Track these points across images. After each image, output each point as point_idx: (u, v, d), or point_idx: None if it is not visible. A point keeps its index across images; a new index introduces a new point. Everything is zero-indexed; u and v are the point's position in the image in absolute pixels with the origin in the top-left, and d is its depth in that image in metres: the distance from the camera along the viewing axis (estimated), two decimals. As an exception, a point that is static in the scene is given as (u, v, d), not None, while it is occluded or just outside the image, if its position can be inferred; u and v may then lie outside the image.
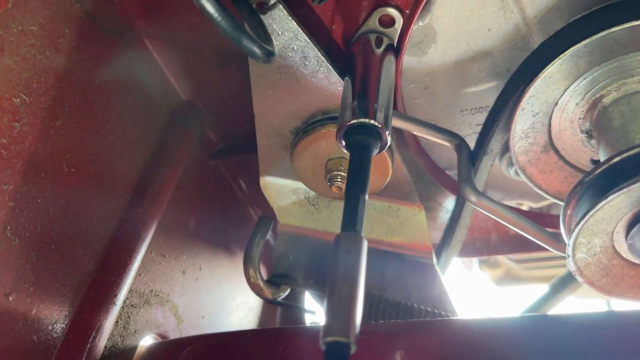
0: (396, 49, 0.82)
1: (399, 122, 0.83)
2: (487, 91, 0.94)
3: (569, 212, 0.66)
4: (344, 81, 0.82)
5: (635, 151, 0.59)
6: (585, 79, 0.74)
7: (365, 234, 0.58)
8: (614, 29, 0.68)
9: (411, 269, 1.10)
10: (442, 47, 0.88)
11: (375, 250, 1.10)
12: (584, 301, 1.66)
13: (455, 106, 0.99)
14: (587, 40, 0.69)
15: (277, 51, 0.79)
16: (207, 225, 1.32)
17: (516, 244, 1.35)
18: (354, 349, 0.46)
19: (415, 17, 0.78)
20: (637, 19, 0.67)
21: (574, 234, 0.62)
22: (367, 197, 0.60)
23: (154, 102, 1.10)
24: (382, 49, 0.78)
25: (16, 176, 0.76)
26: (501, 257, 1.68)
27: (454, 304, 1.06)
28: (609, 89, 0.74)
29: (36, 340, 0.81)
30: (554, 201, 0.89)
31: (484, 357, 0.70)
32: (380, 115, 0.68)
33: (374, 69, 0.75)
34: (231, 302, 1.40)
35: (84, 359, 0.86)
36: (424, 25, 0.85)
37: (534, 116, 0.78)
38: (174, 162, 1.11)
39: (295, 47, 0.80)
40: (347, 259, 0.52)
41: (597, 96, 0.75)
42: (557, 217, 1.03)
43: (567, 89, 0.75)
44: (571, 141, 0.81)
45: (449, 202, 1.22)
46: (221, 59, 1.08)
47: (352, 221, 0.56)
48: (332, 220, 1.13)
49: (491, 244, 1.37)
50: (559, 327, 0.72)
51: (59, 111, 0.84)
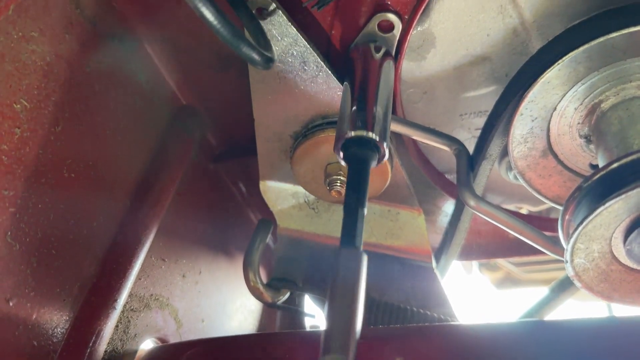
0: (395, 54, 0.82)
1: (398, 127, 0.84)
2: (486, 96, 0.95)
3: (567, 218, 0.67)
4: (343, 86, 0.82)
5: (633, 157, 0.59)
6: (583, 84, 0.74)
7: (364, 237, 0.58)
8: (612, 35, 0.68)
9: (410, 273, 1.10)
10: (441, 52, 0.88)
11: (374, 253, 1.11)
12: (584, 304, 1.66)
13: (454, 110, 0.99)
14: (586, 45, 0.70)
15: (276, 57, 0.80)
16: (207, 229, 1.32)
17: (516, 247, 1.35)
18: None
19: (414, 23, 0.78)
20: (635, 24, 0.67)
21: (572, 240, 0.63)
22: (365, 210, 0.59)
23: (154, 106, 1.10)
24: (380, 55, 0.78)
25: (17, 182, 0.77)
26: (501, 260, 1.69)
27: (454, 307, 1.06)
28: (607, 94, 0.74)
29: (36, 345, 0.81)
30: (553, 206, 0.89)
31: (483, 362, 0.70)
32: (378, 127, 0.68)
33: (372, 77, 0.75)
34: (231, 305, 1.40)
35: (84, 363, 0.86)
36: (423, 30, 0.85)
37: (533, 121, 0.79)
38: (174, 166, 1.11)
39: (294, 53, 0.80)
40: (347, 276, 0.51)
41: (596, 101, 0.75)
42: (556, 220, 1.03)
43: (566, 94, 0.75)
44: (570, 146, 0.81)
45: (449, 206, 1.23)
46: (221, 64, 1.08)
47: (351, 237, 0.56)
48: (331, 223, 1.13)
49: (491, 247, 1.37)
50: (560, 332, 0.72)
51: (60, 117, 0.84)
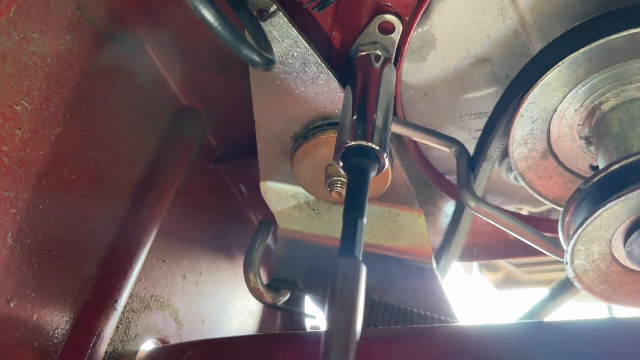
0: (395, 56, 0.82)
1: (398, 128, 0.84)
2: (486, 97, 0.95)
3: (567, 219, 0.67)
4: (344, 89, 0.82)
5: (633, 159, 0.59)
6: (584, 85, 0.74)
7: (365, 238, 0.58)
8: (612, 37, 0.68)
9: (411, 274, 1.10)
10: (442, 53, 0.88)
11: (375, 254, 1.11)
12: (584, 305, 1.66)
13: (454, 112, 0.99)
14: (586, 47, 0.70)
15: (277, 58, 0.80)
16: (207, 229, 1.32)
17: (516, 248, 1.36)
18: None
19: (414, 24, 0.78)
20: (635, 26, 0.67)
21: (572, 241, 0.63)
22: (365, 220, 0.59)
23: (155, 107, 1.11)
24: (380, 63, 0.78)
25: (17, 183, 0.77)
26: (501, 261, 1.69)
27: (454, 308, 1.07)
28: (607, 95, 0.74)
29: (37, 346, 0.81)
30: (553, 207, 0.89)
31: (483, 364, 0.70)
32: (377, 137, 0.68)
33: (372, 86, 0.75)
34: (231, 306, 1.40)
35: (84, 364, 0.86)
36: (424, 31, 0.85)
37: (533, 122, 0.79)
38: (175, 167, 1.11)
39: (295, 54, 0.81)
40: (346, 286, 0.51)
41: (596, 103, 0.75)
42: (556, 221, 1.03)
43: (566, 95, 0.75)
44: (570, 147, 0.81)
45: (449, 207, 1.23)
46: (222, 65, 1.08)
47: (350, 247, 0.55)
48: (332, 224, 1.13)
49: (491, 248, 1.37)
50: (560, 334, 0.72)
51: (60, 118, 0.84)
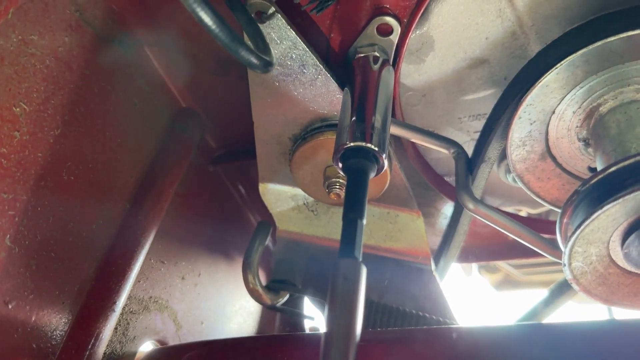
0: (394, 57, 0.82)
1: (397, 130, 0.84)
2: (485, 99, 0.95)
3: (565, 221, 0.67)
4: (343, 90, 0.82)
5: (630, 161, 0.59)
6: (582, 87, 0.74)
7: (363, 239, 0.58)
8: (610, 39, 0.68)
9: (409, 275, 1.10)
10: (440, 55, 0.89)
11: (373, 256, 1.11)
12: (584, 307, 1.66)
13: (453, 113, 1.00)
14: (584, 49, 0.70)
15: (275, 60, 0.80)
16: (206, 231, 1.32)
17: (515, 250, 1.36)
18: None
19: (413, 26, 0.78)
20: (633, 28, 0.67)
21: (570, 243, 0.63)
22: (365, 221, 0.60)
23: (154, 109, 1.11)
24: (378, 65, 0.78)
25: (16, 185, 0.77)
26: (500, 262, 1.69)
27: (452, 309, 1.06)
28: (605, 97, 0.74)
29: (35, 347, 0.81)
30: (552, 208, 0.89)
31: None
32: (376, 138, 0.68)
33: (371, 87, 0.75)
34: (230, 307, 1.40)
35: (83, 365, 0.86)
36: (422, 33, 0.85)
37: (531, 124, 0.79)
38: (174, 168, 1.11)
39: (293, 56, 0.81)
40: (346, 287, 0.52)
41: (594, 105, 0.75)
42: (555, 223, 1.03)
43: (564, 97, 0.75)
44: (568, 149, 0.81)
45: (448, 208, 1.23)
46: (221, 67, 1.08)
47: (350, 248, 0.56)
48: (330, 226, 1.13)
49: (490, 249, 1.38)
50: (559, 336, 0.71)
51: (59, 120, 0.84)
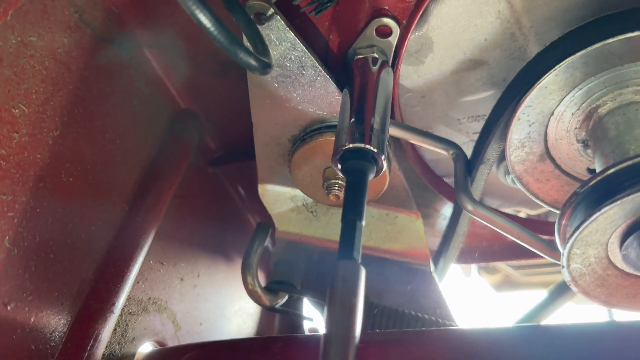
0: (393, 59, 0.82)
1: (396, 131, 0.84)
2: (484, 100, 0.95)
3: (563, 223, 0.67)
4: (342, 92, 0.82)
5: (629, 163, 0.60)
6: (580, 89, 0.74)
7: (362, 241, 0.58)
8: (609, 41, 0.68)
9: (409, 276, 1.10)
10: (439, 56, 0.89)
11: (372, 257, 1.11)
12: (583, 308, 1.66)
13: (452, 115, 1.00)
14: (583, 51, 0.70)
15: (274, 62, 0.80)
16: (205, 232, 1.32)
17: (514, 251, 1.36)
18: None
19: (412, 28, 0.78)
20: (632, 30, 0.68)
21: (568, 245, 0.63)
22: (364, 223, 0.59)
23: (153, 110, 1.11)
24: (377, 67, 0.78)
25: (15, 186, 0.77)
26: (500, 263, 1.69)
27: (452, 310, 1.07)
28: (604, 99, 0.74)
29: (34, 348, 0.81)
30: (551, 210, 0.89)
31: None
32: (376, 139, 0.68)
33: (370, 89, 0.75)
34: (229, 308, 1.40)
35: (82, 366, 0.86)
36: (421, 35, 0.85)
37: (530, 126, 0.79)
38: (173, 170, 1.11)
39: (292, 57, 0.81)
40: (345, 288, 0.51)
41: (593, 106, 0.75)
42: (554, 224, 1.04)
43: (563, 99, 0.75)
44: (567, 150, 0.81)
45: (447, 209, 1.23)
46: (220, 68, 1.08)
47: (349, 249, 0.56)
48: (330, 227, 1.13)
49: (489, 250, 1.38)
50: (558, 337, 0.71)
51: (58, 121, 0.84)
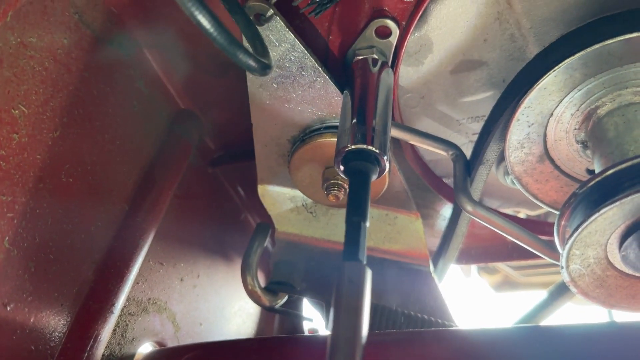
0: (392, 60, 0.82)
1: (396, 132, 0.84)
2: (483, 101, 0.95)
3: (562, 223, 0.67)
4: (342, 93, 0.82)
5: (628, 164, 0.60)
6: (580, 90, 0.74)
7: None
8: (608, 42, 0.68)
9: (408, 277, 1.10)
10: (439, 57, 0.89)
11: (372, 257, 1.11)
12: (583, 308, 1.66)
13: (451, 115, 1.00)
14: (582, 52, 0.70)
15: (274, 62, 0.80)
16: (205, 232, 1.32)
17: (514, 251, 1.36)
18: None
19: (411, 28, 0.78)
20: (631, 31, 0.68)
21: (568, 246, 0.63)
22: (368, 224, 0.59)
23: (153, 111, 1.11)
24: (378, 67, 0.78)
25: (15, 187, 0.77)
26: (499, 264, 1.69)
27: (451, 311, 1.07)
28: (603, 100, 0.74)
29: (34, 349, 0.81)
30: (550, 210, 0.89)
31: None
32: (378, 140, 0.68)
33: (371, 90, 0.74)
34: (229, 309, 1.40)
35: (81, 367, 0.86)
36: (421, 35, 0.85)
37: (529, 127, 0.79)
38: (173, 170, 1.11)
39: (292, 58, 0.81)
40: (351, 290, 0.51)
41: (592, 107, 0.75)
42: (553, 225, 1.04)
43: (562, 100, 0.76)
44: (567, 151, 0.81)
45: (446, 210, 1.23)
46: (219, 69, 1.08)
47: (354, 250, 0.56)
48: (329, 227, 1.13)
49: (489, 251, 1.38)
50: (557, 338, 0.71)
51: (58, 122, 0.84)
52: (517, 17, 0.80)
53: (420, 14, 0.77)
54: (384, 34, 0.80)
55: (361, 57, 0.81)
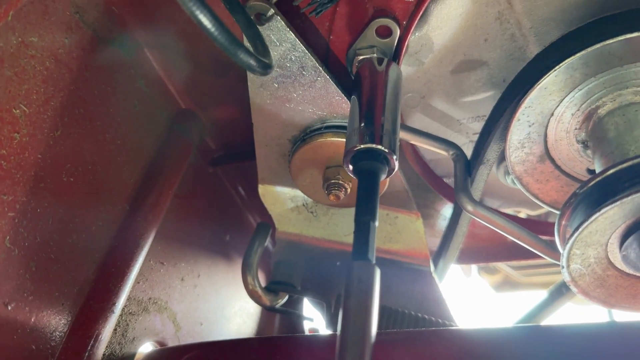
0: (393, 59, 0.82)
1: (396, 132, 0.84)
2: (483, 100, 0.95)
3: (563, 223, 0.67)
4: (342, 92, 0.82)
5: (628, 164, 0.60)
6: (580, 90, 0.74)
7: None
8: (608, 41, 0.68)
9: (408, 277, 1.10)
10: (439, 57, 0.89)
11: (373, 257, 1.11)
12: (583, 308, 1.66)
13: (452, 115, 1.00)
14: (583, 52, 0.70)
15: (274, 62, 0.80)
16: (205, 232, 1.32)
17: (514, 251, 1.36)
18: None
19: (412, 28, 0.78)
20: (631, 31, 0.68)
21: (568, 246, 0.63)
22: (377, 223, 0.59)
23: (153, 110, 1.11)
24: (384, 65, 0.78)
25: (16, 187, 0.77)
26: (500, 264, 1.69)
27: (451, 310, 1.07)
28: (604, 100, 0.74)
29: (35, 348, 0.81)
30: (551, 210, 0.89)
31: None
32: (387, 139, 0.67)
33: (379, 88, 0.74)
34: (230, 308, 1.41)
35: (82, 366, 0.86)
36: (421, 35, 0.85)
37: (530, 126, 0.79)
38: (173, 170, 1.12)
39: (293, 58, 0.81)
40: (360, 289, 0.51)
41: (593, 107, 0.75)
42: (554, 225, 1.04)
43: (563, 100, 0.75)
44: (567, 151, 0.81)
45: (447, 210, 1.23)
46: (220, 68, 1.08)
47: (363, 250, 0.55)
48: (330, 227, 1.13)
49: (489, 250, 1.38)
50: (557, 338, 0.71)
51: (59, 121, 0.84)
52: (518, 17, 0.80)
53: (421, 13, 0.77)
54: (385, 33, 0.80)
55: (367, 57, 0.80)
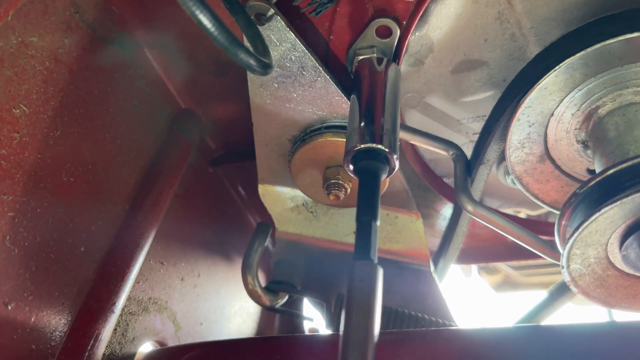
0: (393, 59, 0.82)
1: (396, 132, 0.84)
2: (483, 100, 0.95)
3: (563, 223, 0.67)
4: (343, 92, 0.82)
5: (628, 164, 0.60)
6: (580, 90, 0.74)
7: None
8: (609, 41, 0.68)
9: (408, 277, 1.10)
10: (439, 57, 0.89)
11: (373, 257, 1.11)
12: (583, 308, 1.66)
13: (452, 115, 1.00)
14: (583, 52, 0.70)
15: (274, 62, 0.80)
16: (205, 232, 1.32)
17: (514, 251, 1.36)
18: None
19: (412, 28, 0.78)
20: (631, 31, 0.68)
21: (568, 246, 0.63)
22: (379, 222, 0.59)
23: (153, 110, 1.11)
24: (383, 65, 0.78)
25: (16, 186, 0.77)
26: (500, 264, 1.69)
27: (451, 310, 1.07)
28: (604, 100, 0.74)
29: (35, 348, 0.81)
30: (551, 210, 0.89)
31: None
32: (387, 139, 0.67)
33: (379, 88, 0.74)
34: (230, 308, 1.41)
35: (82, 366, 0.86)
36: (421, 35, 0.85)
37: (530, 126, 0.79)
38: (173, 170, 1.12)
39: (293, 58, 0.81)
40: (362, 289, 0.51)
41: (593, 107, 0.75)
42: (554, 225, 1.04)
43: (563, 100, 0.75)
44: (567, 151, 0.81)
45: (447, 210, 1.23)
46: (220, 68, 1.08)
47: (365, 249, 0.56)
48: (330, 227, 1.13)
49: (489, 250, 1.38)
50: (557, 338, 0.71)
51: (59, 121, 0.84)
52: (518, 17, 0.80)
53: (421, 13, 0.77)
54: (385, 33, 0.80)
55: (366, 57, 0.80)
